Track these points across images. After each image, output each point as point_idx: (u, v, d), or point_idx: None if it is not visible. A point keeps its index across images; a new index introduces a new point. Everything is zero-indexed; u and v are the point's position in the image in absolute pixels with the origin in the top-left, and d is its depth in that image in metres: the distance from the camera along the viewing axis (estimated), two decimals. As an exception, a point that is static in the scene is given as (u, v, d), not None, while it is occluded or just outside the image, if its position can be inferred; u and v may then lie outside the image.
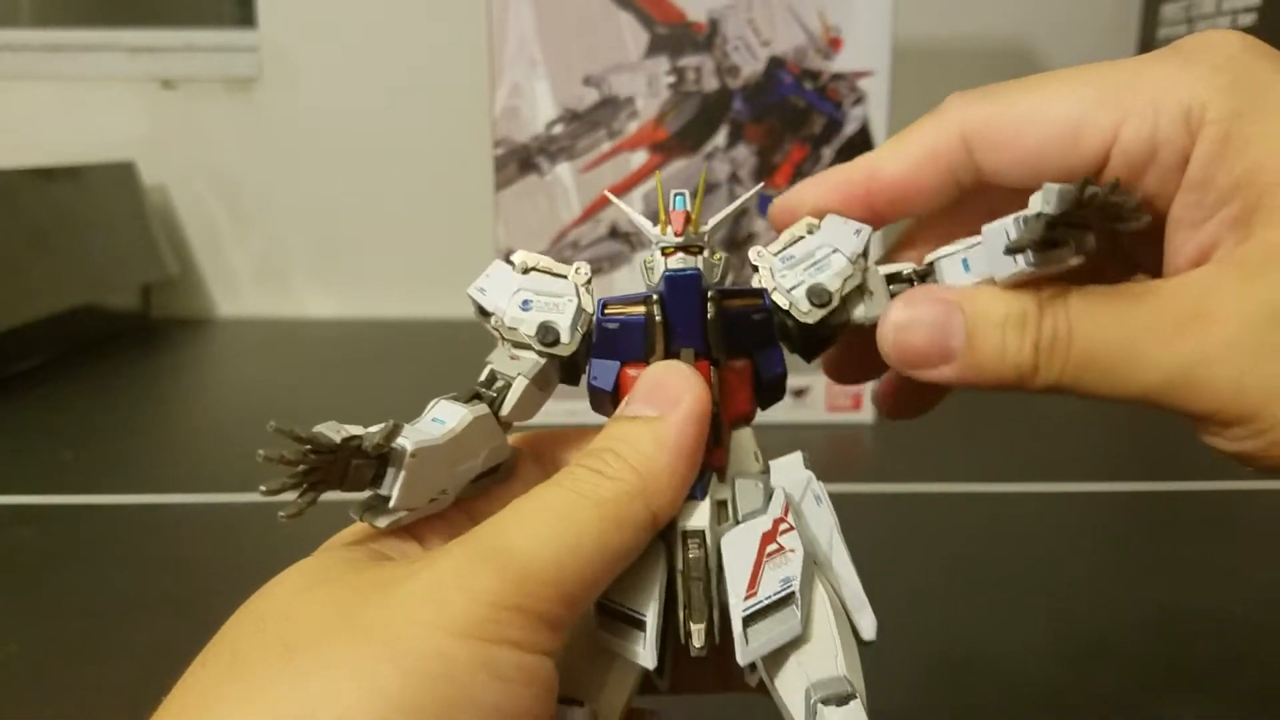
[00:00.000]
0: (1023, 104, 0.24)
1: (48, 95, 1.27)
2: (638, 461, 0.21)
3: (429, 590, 0.18)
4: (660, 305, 0.23)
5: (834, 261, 0.24)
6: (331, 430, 0.20)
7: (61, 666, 0.46)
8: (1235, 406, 0.21)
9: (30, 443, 0.79)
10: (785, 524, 0.23)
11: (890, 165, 0.25)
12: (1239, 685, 0.45)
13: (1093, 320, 0.21)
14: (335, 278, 1.31)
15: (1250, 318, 0.20)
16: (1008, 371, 0.22)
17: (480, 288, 0.25)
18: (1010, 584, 0.55)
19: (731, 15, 0.77)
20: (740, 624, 0.21)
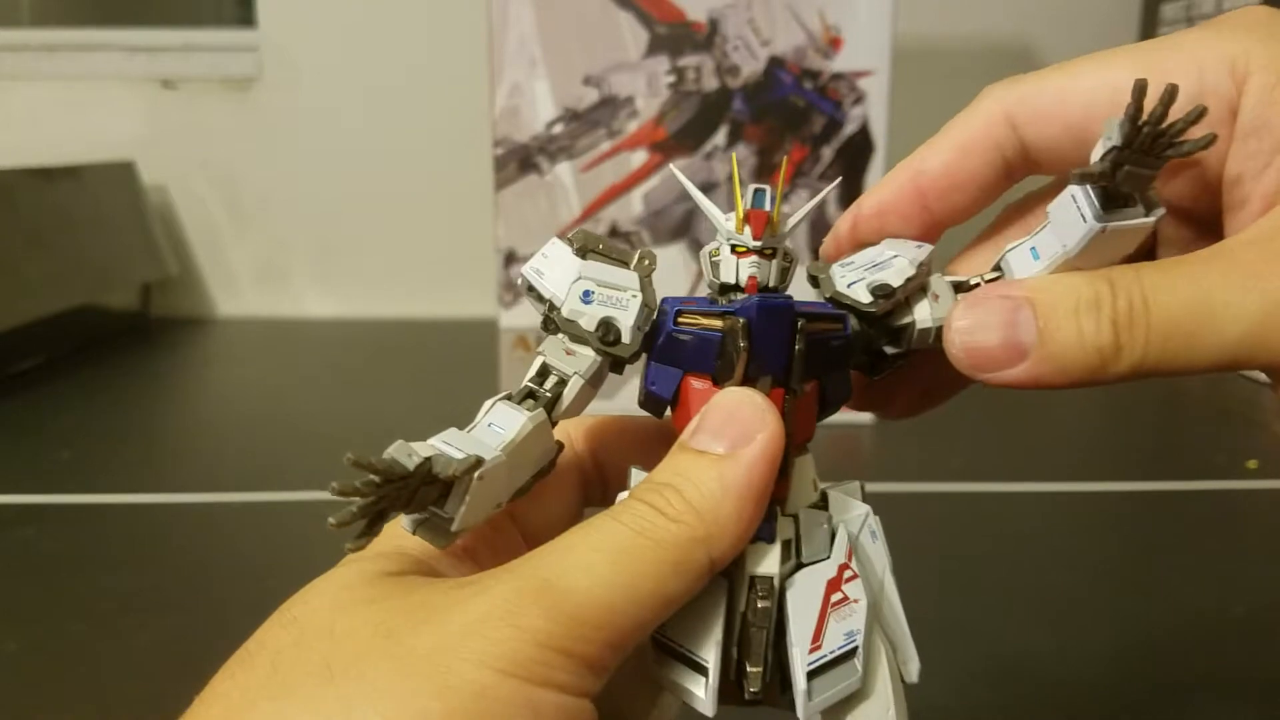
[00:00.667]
0: (1062, 78, 0.23)
1: (48, 95, 1.27)
2: (701, 504, 0.20)
3: (478, 624, 0.18)
4: (746, 331, 0.21)
5: (895, 263, 0.23)
6: (403, 455, 0.19)
7: (60, 666, 0.46)
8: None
9: (30, 442, 0.79)
10: (850, 570, 0.22)
11: (933, 158, 0.24)
12: (1238, 685, 0.45)
13: (1169, 285, 0.20)
14: (335, 277, 1.31)
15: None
16: (1090, 358, 0.21)
17: (537, 269, 0.23)
18: (1011, 583, 0.55)
19: (731, 15, 0.77)
20: (804, 680, 0.21)
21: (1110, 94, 0.22)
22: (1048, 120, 0.23)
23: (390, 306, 1.29)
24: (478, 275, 1.17)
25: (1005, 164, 0.24)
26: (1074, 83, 0.23)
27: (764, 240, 0.22)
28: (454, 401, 0.92)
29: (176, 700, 0.46)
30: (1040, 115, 0.23)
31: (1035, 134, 0.23)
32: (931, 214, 0.25)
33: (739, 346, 0.21)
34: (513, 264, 0.81)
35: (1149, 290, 0.20)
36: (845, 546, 0.22)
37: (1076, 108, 0.23)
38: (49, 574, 0.56)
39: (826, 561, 0.22)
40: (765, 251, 0.22)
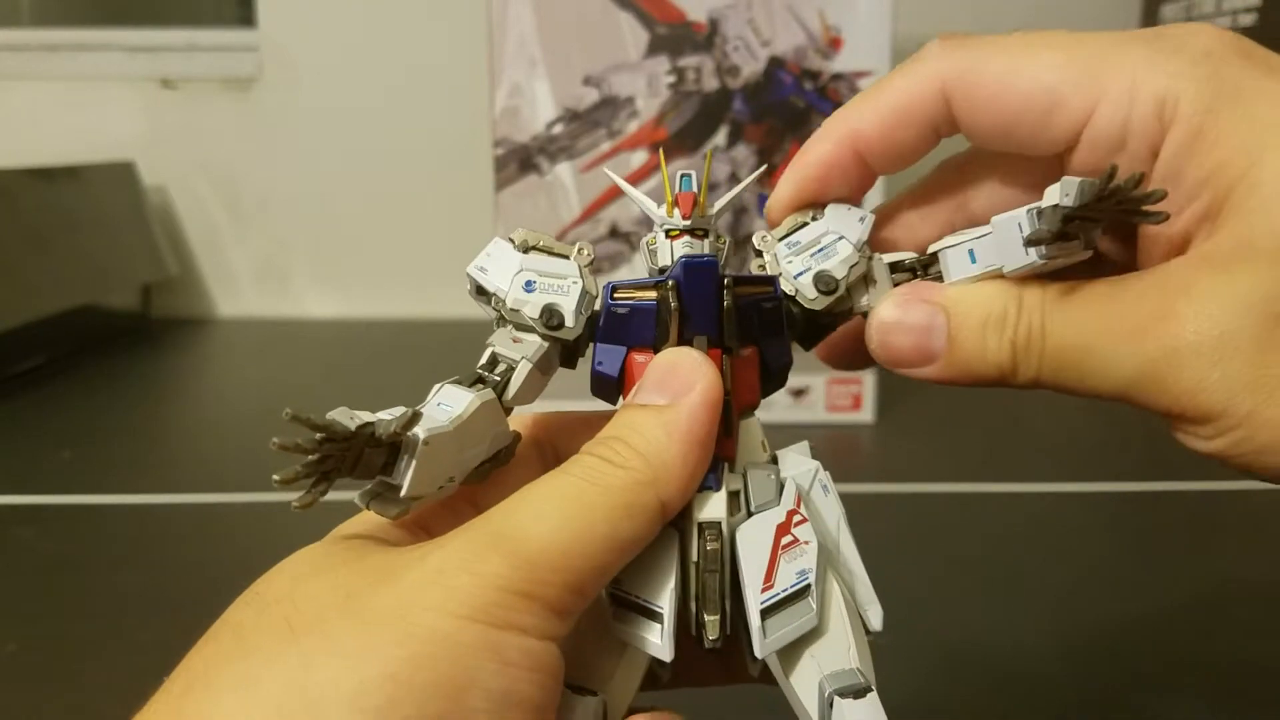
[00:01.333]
0: (1005, 63, 0.24)
1: (48, 95, 1.27)
2: (648, 449, 0.21)
3: (436, 574, 0.18)
4: (675, 292, 0.22)
5: (840, 248, 0.24)
6: (344, 417, 0.20)
7: (61, 666, 0.46)
8: (1201, 404, 0.21)
9: (30, 443, 0.79)
10: (799, 515, 0.22)
11: (871, 121, 0.25)
12: (1234, 683, 0.45)
13: (1065, 318, 0.22)
14: (335, 277, 1.31)
15: (1215, 316, 0.20)
16: (989, 370, 0.23)
17: (480, 266, 0.24)
18: (1009, 582, 0.55)
19: (731, 15, 0.77)
20: (758, 617, 0.21)
21: (1041, 105, 0.23)
22: (979, 110, 0.24)
23: (390, 306, 1.29)
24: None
25: (937, 134, 0.25)
26: (1013, 77, 0.23)
27: (693, 220, 0.23)
28: (454, 401, 0.92)
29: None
30: (973, 103, 0.24)
31: (965, 117, 0.24)
32: (869, 169, 0.26)
33: (670, 308, 0.22)
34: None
35: (1048, 318, 0.22)
36: (794, 494, 0.23)
37: (1008, 108, 0.23)
38: (49, 574, 0.56)
39: (776, 508, 0.23)
40: (696, 232, 0.23)
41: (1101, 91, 0.22)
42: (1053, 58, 0.23)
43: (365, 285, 1.30)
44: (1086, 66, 0.23)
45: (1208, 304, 0.21)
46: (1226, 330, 0.20)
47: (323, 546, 0.21)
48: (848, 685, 0.21)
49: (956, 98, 0.24)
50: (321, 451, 0.19)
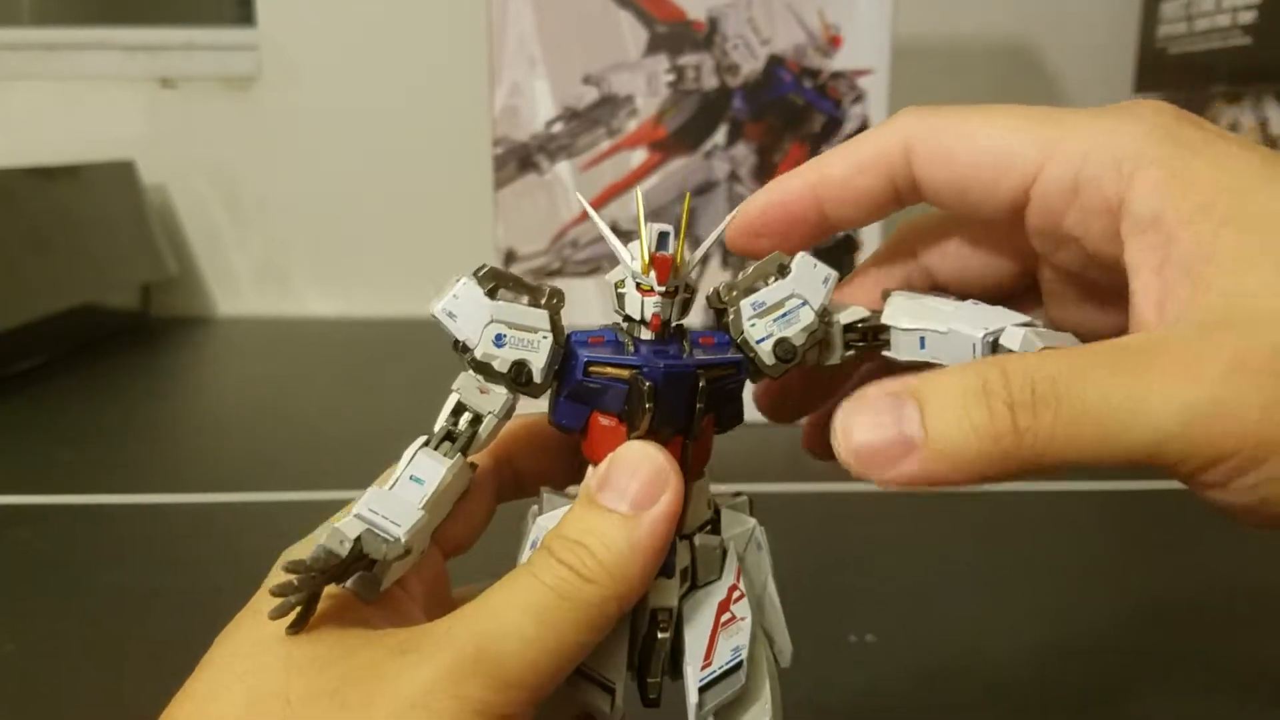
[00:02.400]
0: (964, 126, 0.24)
1: (47, 94, 1.27)
2: (612, 564, 0.22)
3: (424, 695, 0.20)
4: (652, 394, 0.22)
5: (802, 315, 0.25)
6: (334, 543, 0.21)
7: (59, 666, 0.46)
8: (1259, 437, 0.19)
9: (30, 442, 0.79)
10: (738, 590, 0.25)
11: (837, 166, 0.26)
12: (1230, 681, 0.45)
13: (1083, 372, 0.20)
14: (335, 276, 1.31)
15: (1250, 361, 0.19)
16: (984, 445, 0.20)
17: (448, 311, 0.24)
18: (1004, 581, 0.55)
19: (731, 13, 0.77)
20: (695, 694, 0.24)
21: (994, 161, 0.23)
22: (936, 165, 0.24)
23: (390, 305, 1.29)
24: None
25: (895, 189, 0.25)
26: (969, 141, 0.24)
27: (667, 284, 0.23)
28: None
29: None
30: (931, 158, 0.24)
31: (923, 173, 0.25)
32: (826, 219, 0.26)
33: (644, 406, 0.23)
34: (513, 263, 0.81)
35: (1058, 376, 0.20)
36: (734, 568, 0.25)
37: (963, 163, 0.24)
38: (49, 574, 0.56)
39: (718, 583, 0.25)
40: (669, 292, 0.24)
41: (1052, 151, 0.23)
42: (1007, 122, 0.23)
43: (365, 284, 1.30)
44: (1036, 130, 0.23)
45: (1250, 323, 0.19)
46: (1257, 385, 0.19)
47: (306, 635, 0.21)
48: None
49: (916, 153, 0.24)
50: (315, 584, 0.20)
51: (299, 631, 0.21)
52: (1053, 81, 1.25)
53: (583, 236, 0.81)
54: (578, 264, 0.81)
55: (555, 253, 0.81)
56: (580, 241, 0.81)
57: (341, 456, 0.75)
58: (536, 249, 0.81)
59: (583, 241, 0.81)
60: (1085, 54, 1.23)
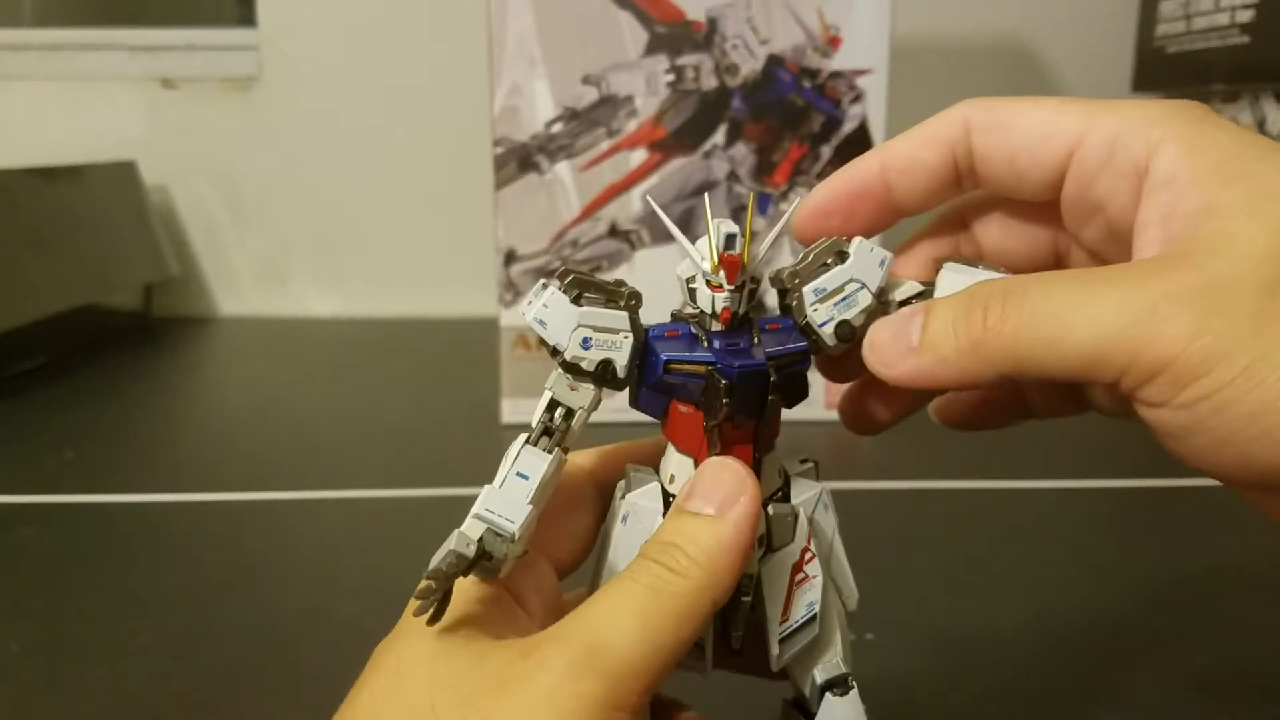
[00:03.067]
0: (1018, 105, 0.26)
1: (48, 95, 1.27)
2: (704, 559, 0.24)
3: (549, 696, 0.22)
4: (728, 390, 0.25)
5: (860, 299, 0.27)
6: (461, 546, 0.24)
7: (63, 666, 0.47)
8: (1196, 352, 0.20)
9: (32, 442, 0.79)
10: (810, 552, 0.27)
11: (900, 145, 0.28)
12: (1231, 679, 0.45)
13: (1043, 283, 0.23)
14: (336, 277, 1.31)
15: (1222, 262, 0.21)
16: (961, 341, 0.23)
17: (540, 320, 0.26)
18: (1008, 578, 0.55)
19: (730, 14, 0.78)
20: (776, 646, 0.27)
21: (1042, 131, 0.26)
22: (992, 135, 0.27)
23: (391, 305, 1.29)
24: (478, 274, 1.18)
25: (955, 163, 0.27)
26: (1024, 115, 0.26)
27: (735, 282, 0.26)
28: (455, 399, 0.92)
29: (177, 700, 0.46)
30: (988, 129, 0.27)
31: (980, 144, 0.27)
32: (892, 194, 0.28)
33: (722, 401, 0.25)
34: (513, 263, 0.81)
35: (1030, 284, 0.23)
36: (805, 531, 0.27)
37: (1015, 133, 0.26)
38: (51, 574, 0.56)
39: (791, 546, 0.27)
40: (737, 287, 0.26)
41: (1093, 122, 0.25)
42: (1054, 104, 0.26)
43: (366, 284, 1.31)
44: (1082, 108, 0.25)
45: (1214, 257, 0.21)
46: (1233, 278, 0.21)
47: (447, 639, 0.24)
48: (834, 678, 0.28)
49: (975, 127, 0.27)
50: (447, 584, 0.24)
51: (436, 622, 0.24)
52: (1051, 80, 1.25)
53: (583, 236, 0.81)
54: (578, 264, 0.81)
55: (555, 252, 0.81)
56: (580, 241, 0.81)
57: (343, 456, 0.76)
58: (537, 249, 0.81)
59: (583, 241, 0.81)
60: (1084, 53, 1.23)
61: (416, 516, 0.63)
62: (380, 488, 0.66)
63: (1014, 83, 1.24)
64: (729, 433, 0.26)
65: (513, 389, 0.80)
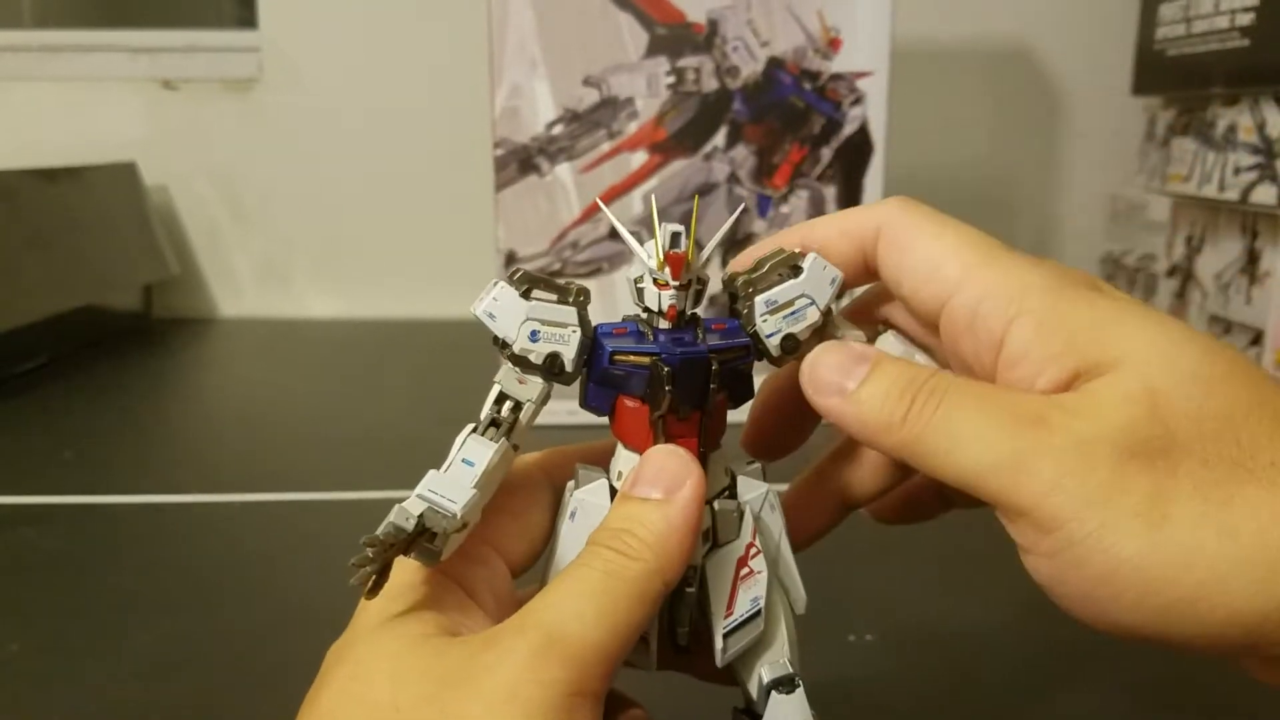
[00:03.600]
0: (925, 229, 0.28)
1: (49, 96, 1.27)
2: (654, 542, 0.25)
3: (509, 688, 0.22)
4: (670, 378, 0.26)
5: (809, 314, 0.28)
6: (401, 519, 0.23)
7: (62, 666, 0.47)
8: (1050, 507, 0.23)
9: (31, 443, 0.79)
10: (755, 548, 0.28)
11: (822, 229, 0.29)
12: (1230, 682, 0.45)
13: (965, 393, 0.25)
14: (336, 277, 1.31)
15: (1081, 431, 0.23)
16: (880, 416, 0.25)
17: (489, 313, 0.27)
18: (1007, 580, 0.55)
19: (731, 16, 0.78)
20: (720, 639, 0.27)
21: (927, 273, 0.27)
22: (890, 254, 0.28)
23: (391, 306, 1.29)
24: (478, 275, 1.17)
25: (864, 258, 0.29)
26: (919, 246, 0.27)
27: (680, 279, 0.26)
28: (455, 400, 0.92)
29: (175, 700, 0.46)
30: (890, 248, 0.28)
31: (881, 257, 0.29)
32: None
33: (664, 389, 0.26)
34: (513, 264, 0.81)
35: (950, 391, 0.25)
36: (751, 527, 0.28)
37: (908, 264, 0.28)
38: (51, 574, 0.56)
39: (737, 542, 0.28)
40: (682, 285, 0.27)
41: (966, 278, 0.26)
42: (951, 241, 0.27)
43: (366, 285, 1.31)
44: (968, 256, 0.26)
45: (1076, 419, 0.23)
46: (1090, 445, 0.23)
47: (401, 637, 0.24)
48: (780, 678, 0.28)
49: (882, 238, 0.28)
50: (386, 556, 0.23)
51: (374, 596, 0.24)
52: (1051, 84, 1.25)
53: (583, 238, 0.81)
54: (578, 265, 0.81)
55: (555, 254, 0.81)
56: (580, 243, 0.81)
57: (343, 457, 0.76)
58: (537, 250, 0.81)
59: (583, 243, 0.81)
60: (1083, 56, 1.23)
61: (416, 517, 0.63)
62: (380, 489, 0.66)
63: (1014, 86, 1.24)
64: (674, 426, 0.27)
65: (513, 390, 0.80)
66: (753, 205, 0.80)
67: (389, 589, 0.25)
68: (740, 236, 0.81)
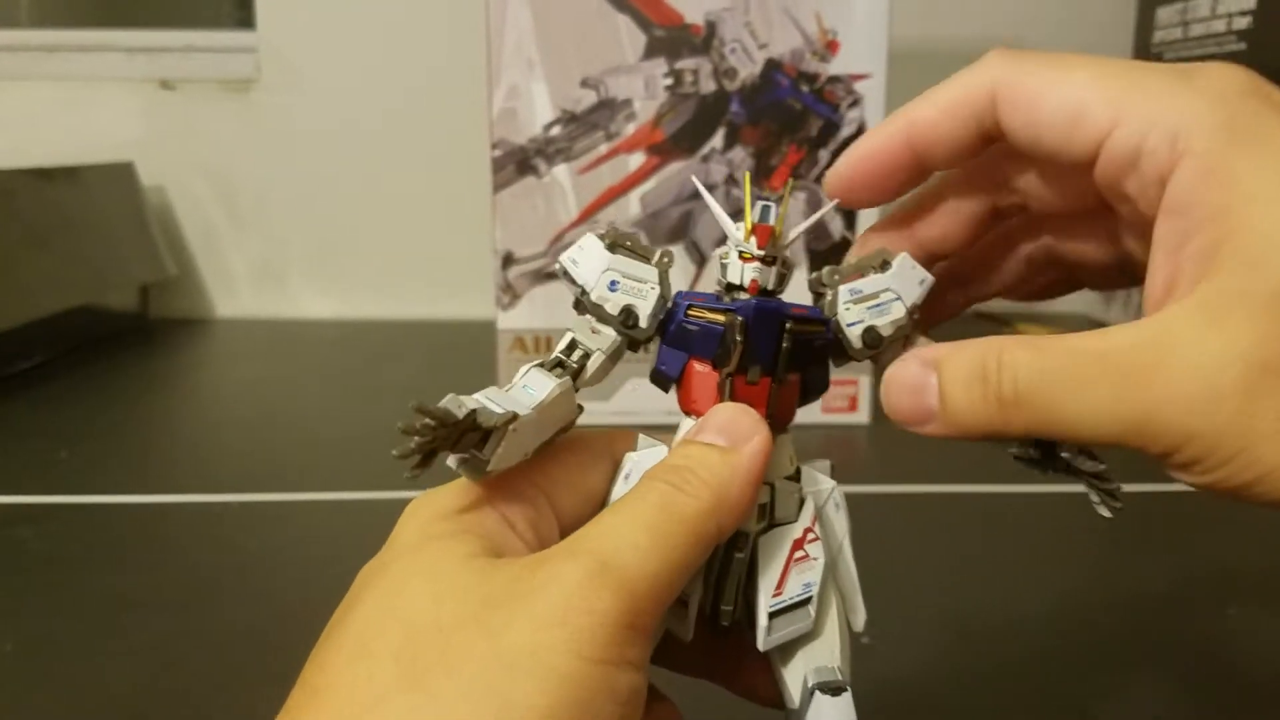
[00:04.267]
0: (1045, 75, 0.25)
1: (46, 95, 1.27)
2: (715, 483, 0.24)
3: (560, 612, 0.21)
4: (743, 328, 0.25)
5: (894, 309, 0.27)
6: (454, 405, 0.23)
7: (58, 666, 0.46)
8: (1191, 452, 0.22)
9: (28, 443, 0.79)
10: (813, 534, 0.26)
11: (925, 109, 0.27)
12: (1232, 680, 0.45)
13: (1045, 377, 0.23)
14: (333, 278, 1.31)
15: (1203, 369, 0.22)
16: (981, 426, 0.25)
17: (572, 259, 0.27)
18: (1005, 583, 0.55)
19: (729, 18, 0.78)
20: (765, 618, 0.25)
21: (1069, 115, 0.25)
22: (1018, 111, 0.26)
23: (388, 308, 1.29)
24: (476, 277, 1.18)
25: (981, 131, 0.27)
26: (1048, 88, 0.25)
27: (766, 250, 0.26)
28: (451, 402, 0.92)
29: (171, 700, 0.46)
30: (1014, 104, 0.26)
31: (1005, 116, 0.26)
32: (919, 162, 0.28)
33: (735, 340, 0.25)
34: (510, 265, 0.81)
35: (1026, 375, 0.24)
36: (811, 513, 0.27)
37: (1043, 113, 0.25)
38: (47, 574, 0.56)
39: (794, 524, 0.26)
40: (767, 259, 0.26)
41: (1125, 114, 0.24)
42: (1084, 76, 0.25)
43: (363, 286, 1.30)
44: (1112, 88, 0.24)
45: (1198, 357, 0.22)
46: (1215, 383, 0.22)
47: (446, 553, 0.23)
48: (828, 682, 0.25)
49: (1001, 99, 0.26)
50: (434, 434, 0.22)
51: (418, 474, 0.23)
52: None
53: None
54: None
55: (553, 255, 0.81)
56: (578, 244, 0.81)
57: (339, 458, 0.76)
58: (534, 251, 0.81)
59: (580, 244, 0.81)
60: (1081, 59, 1.23)
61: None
62: (376, 490, 0.66)
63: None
64: (742, 390, 0.26)
65: (510, 391, 0.80)
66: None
67: (429, 511, 0.24)
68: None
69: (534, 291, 0.81)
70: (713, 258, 0.28)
